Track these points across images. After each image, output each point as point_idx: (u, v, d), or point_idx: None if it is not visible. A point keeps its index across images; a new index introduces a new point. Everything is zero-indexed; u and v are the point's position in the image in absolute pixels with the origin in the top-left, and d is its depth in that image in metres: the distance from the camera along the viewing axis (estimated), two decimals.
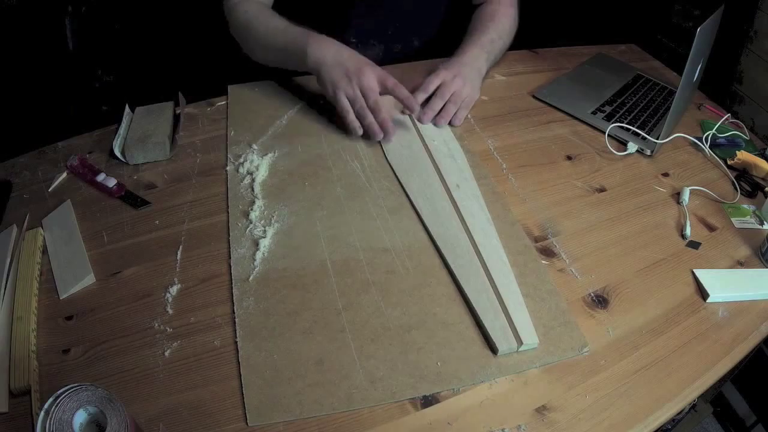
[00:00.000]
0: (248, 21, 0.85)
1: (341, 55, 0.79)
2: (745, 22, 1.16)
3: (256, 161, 0.74)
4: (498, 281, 0.59)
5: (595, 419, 0.50)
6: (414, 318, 0.57)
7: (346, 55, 0.79)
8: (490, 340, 0.55)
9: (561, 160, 0.82)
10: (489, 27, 0.93)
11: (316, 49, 0.78)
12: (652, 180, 0.79)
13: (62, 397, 0.39)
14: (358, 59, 0.79)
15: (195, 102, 0.87)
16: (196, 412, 0.48)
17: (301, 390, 0.50)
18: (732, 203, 0.77)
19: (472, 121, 0.87)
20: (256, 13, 0.86)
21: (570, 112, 0.91)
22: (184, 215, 0.67)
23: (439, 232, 0.67)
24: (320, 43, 0.79)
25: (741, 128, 0.93)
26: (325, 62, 0.78)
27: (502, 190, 0.74)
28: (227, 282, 0.60)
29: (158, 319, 0.56)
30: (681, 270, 0.66)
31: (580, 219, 0.71)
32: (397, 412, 0.50)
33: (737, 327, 0.60)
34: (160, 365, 0.52)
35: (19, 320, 0.54)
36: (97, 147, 0.78)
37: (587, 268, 0.65)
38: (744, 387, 1.29)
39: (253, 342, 0.54)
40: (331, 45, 0.80)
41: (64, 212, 0.67)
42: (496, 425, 0.49)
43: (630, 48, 1.19)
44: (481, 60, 0.89)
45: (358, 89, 0.77)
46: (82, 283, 0.59)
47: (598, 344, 0.57)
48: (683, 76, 0.78)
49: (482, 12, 0.96)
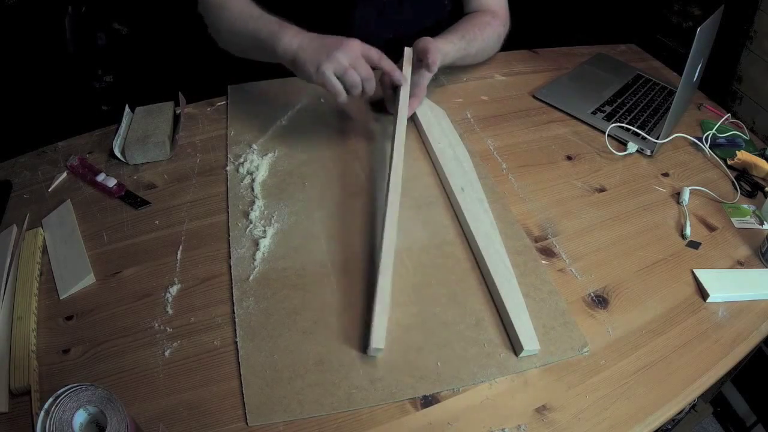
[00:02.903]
0: (221, 1, 0.81)
1: (317, 38, 0.73)
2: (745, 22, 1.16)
3: (256, 161, 0.74)
4: (500, 287, 0.59)
5: (595, 419, 0.50)
6: (414, 318, 0.57)
7: (321, 36, 0.74)
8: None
9: (561, 160, 0.82)
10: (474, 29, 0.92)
11: (290, 36, 0.73)
12: (652, 180, 0.79)
13: (62, 397, 0.39)
14: (335, 37, 0.73)
15: (195, 102, 0.87)
16: (196, 412, 0.48)
17: (301, 390, 0.50)
18: (732, 203, 0.77)
19: (472, 121, 0.87)
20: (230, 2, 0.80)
21: (570, 112, 0.91)
22: (184, 215, 0.67)
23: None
24: (294, 30, 0.74)
25: (741, 128, 0.93)
26: (301, 45, 0.72)
27: (502, 190, 0.74)
28: (227, 282, 0.60)
29: (158, 319, 0.56)
30: (681, 270, 0.66)
31: (580, 219, 0.71)
32: (397, 412, 0.50)
33: (737, 327, 0.60)
34: (160, 365, 0.52)
35: (19, 320, 0.54)
36: (97, 147, 0.78)
37: (587, 268, 0.65)
38: (744, 387, 1.29)
39: (253, 342, 0.54)
40: (305, 33, 0.74)
41: (64, 212, 0.67)
42: (496, 425, 0.49)
43: (630, 48, 1.19)
44: (449, 46, 0.87)
45: (344, 60, 0.70)
46: (82, 283, 0.59)
47: (598, 344, 0.57)
48: (683, 76, 0.78)
49: (473, 17, 0.96)
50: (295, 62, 0.73)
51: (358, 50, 0.72)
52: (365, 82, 0.72)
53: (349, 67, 0.71)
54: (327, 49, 0.70)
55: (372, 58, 0.73)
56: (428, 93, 0.87)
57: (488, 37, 0.95)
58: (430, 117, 0.84)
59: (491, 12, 0.97)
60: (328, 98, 0.89)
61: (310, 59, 0.71)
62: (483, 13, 0.96)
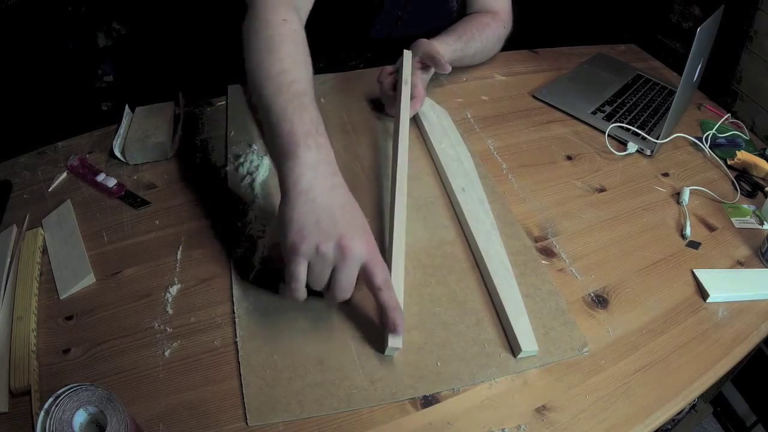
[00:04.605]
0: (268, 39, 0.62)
1: (333, 197, 0.52)
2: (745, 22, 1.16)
3: (256, 161, 0.74)
4: (499, 287, 0.59)
5: (595, 419, 0.50)
6: (414, 318, 0.57)
7: (340, 200, 0.52)
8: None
9: (561, 160, 0.82)
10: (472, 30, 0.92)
11: (306, 167, 0.52)
12: (652, 180, 0.79)
13: (62, 397, 0.39)
14: (351, 216, 0.52)
15: (195, 102, 0.87)
16: (196, 412, 0.48)
17: (301, 390, 0.50)
18: (732, 203, 0.77)
19: (472, 121, 0.87)
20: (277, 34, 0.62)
21: (570, 112, 0.91)
22: (184, 215, 0.67)
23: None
24: (316, 161, 0.53)
25: (741, 128, 0.93)
26: (307, 196, 0.51)
27: (502, 190, 0.74)
28: (227, 282, 0.60)
29: (158, 319, 0.56)
30: (681, 270, 0.66)
31: (580, 219, 0.71)
32: (397, 412, 0.50)
33: (737, 327, 0.60)
34: (160, 365, 0.52)
35: (19, 320, 0.54)
36: (97, 147, 0.78)
37: (587, 268, 0.65)
38: (744, 387, 1.29)
39: (253, 342, 0.54)
40: (328, 175, 0.53)
41: (64, 212, 0.67)
42: (496, 425, 0.49)
43: (630, 48, 1.19)
44: (444, 48, 0.86)
45: (328, 266, 0.50)
46: (82, 283, 0.59)
47: (598, 344, 0.57)
48: (683, 76, 0.78)
49: (472, 18, 0.96)
50: (284, 205, 0.52)
51: (360, 259, 0.50)
52: (334, 291, 0.51)
53: (327, 272, 0.50)
54: (328, 230, 0.49)
55: (372, 281, 0.51)
56: (428, 93, 0.87)
57: (487, 38, 0.95)
58: (431, 117, 0.84)
59: (492, 13, 0.97)
60: (329, 98, 0.89)
61: (299, 224, 0.50)
62: (483, 14, 0.96)
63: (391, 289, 0.52)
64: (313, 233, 0.49)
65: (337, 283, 0.50)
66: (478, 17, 0.96)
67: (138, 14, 1.33)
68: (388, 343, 0.52)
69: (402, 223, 0.63)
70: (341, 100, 0.89)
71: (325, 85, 0.92)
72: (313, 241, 0.49)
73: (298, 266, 0.49)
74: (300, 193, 0.51)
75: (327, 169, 0.53)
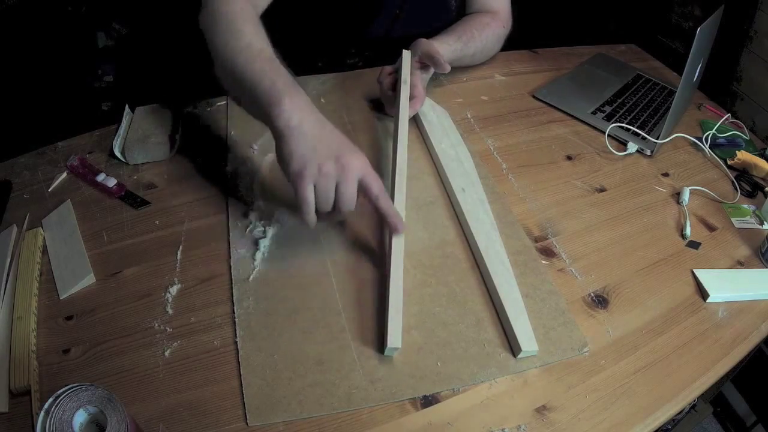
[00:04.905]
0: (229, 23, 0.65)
1: (320, 126, 0.58)
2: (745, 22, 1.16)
3: (256, 161, 0.74)
4: (499, 287, 0.59)
5: (595, 419, 0.50)
6: (414, 318, 0.57)
7: (328, 129, 0.59)
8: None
9: (561, 160, 0.82)
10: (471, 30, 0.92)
11: (293, 109, 0.57)
12: (652, 180, 0.79)
13: (62, 397, 0.39)
14: (341, 140, 0.58)
15: (195, 102, 0.87)
16: (196, 412, 0.48)
17: (301, 390, 0.50)
18: (732, 203, 0.77)
19: (472, 121, 0.87)
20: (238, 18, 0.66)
21: (570, 112, 0.92)
22: (184, 215, 0.67)
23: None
24: (300, 104, 0.58)
25: (741, 128, 0.93)
26: (300, 129, 0.56)
27: (502, 190, 0.74)
28: (227, 282, 0.60)
29: (158, 319, 0.56)
30: (681, 270, 0.66)
31: (580, 219, 0.71)
32: (397, 412, 0.50)
33: (737, 327, 0.60)
34: (160, 365, 0.52)
35: (19, 320, 0.54)
36: (97, 147, 0.78)
37: (587, 268, 0.65)
38: (744, 387, 1.29)
39: (253, 342, 0.54)
40: (312, 112, 0.59)
41: (64, 212, 0.67)
42: (496, 425, 0.49)
43: (630, 48, 1.19)
44: (444, 48, 0.86)
45: (332, 180, 0.56)
46: (82, 283, 0.59)
47: (598, 344, 0.57)
48: (683, 76, 0.78)
49: (472, 18, 0.96)
50: (283, 144, 0.57)
51: (358, 174, 0.57)
52: (341, 205, 0.57)
53: (332, 189, 0.56)
54: (326, 153, 0.56)
55: (370, 191, 0.58)
56: (428, 93, 0.87)
57: (487, 37, 0.95)
58: (432, 117, 0.84)
59: (492, 13, 0.97)
60: (329, 98, 0.89)
61: (298, 153, 0.56)
62: (483, 14, 0.96)
63: (387, 197, 0.59)
64: (314, 158, 0.55)
65: (341, 197, 0.57)
66: (477, 17, 0.96)
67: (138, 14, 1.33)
68: (387, 343, 0.52)
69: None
70: (341, 100, 0.89)
71: (325, 85, 0.93)
72: (315, 164, 0.55)
73: (305, 189, 0.55)
74: (293, 129, 0.57)
75: (311, 109, 0.60)
